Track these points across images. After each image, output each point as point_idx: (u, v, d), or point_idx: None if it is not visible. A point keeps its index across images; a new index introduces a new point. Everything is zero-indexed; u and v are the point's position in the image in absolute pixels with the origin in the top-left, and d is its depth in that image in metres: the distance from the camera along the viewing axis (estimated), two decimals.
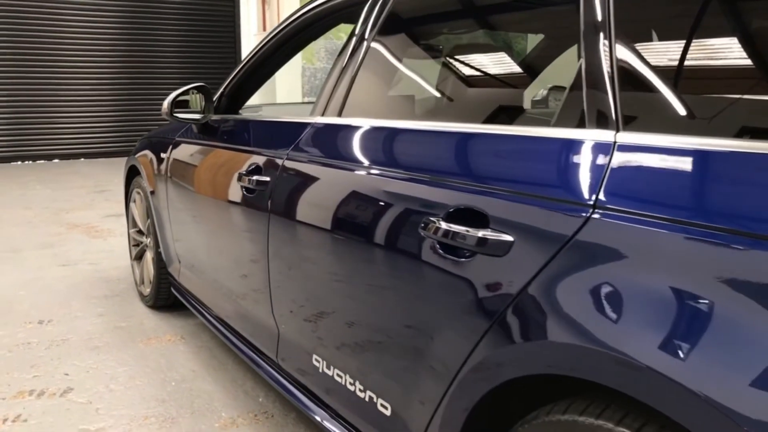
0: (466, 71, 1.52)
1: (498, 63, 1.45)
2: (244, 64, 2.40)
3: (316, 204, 1.65)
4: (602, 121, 1.06)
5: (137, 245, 3.41)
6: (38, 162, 9.70)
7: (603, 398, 0.97)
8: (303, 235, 1.71)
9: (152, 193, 2.97)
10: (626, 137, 1.01)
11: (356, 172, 1.54)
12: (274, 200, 1.83)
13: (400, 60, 1.66)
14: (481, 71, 1.48)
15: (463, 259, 1.17)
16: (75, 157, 10.00)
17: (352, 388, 1.57)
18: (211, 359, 2.71)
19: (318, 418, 1.75)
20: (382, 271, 1.41)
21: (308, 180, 1.71)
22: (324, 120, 1.78)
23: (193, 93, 2.48)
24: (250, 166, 1.99)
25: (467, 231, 1.15)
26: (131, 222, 3.46)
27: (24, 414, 2.23)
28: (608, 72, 1.08)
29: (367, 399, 1.51)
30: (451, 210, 1.22)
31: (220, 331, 2.41)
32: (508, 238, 1.09)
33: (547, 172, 1.10)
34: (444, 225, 1.20)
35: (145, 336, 2.95)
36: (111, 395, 2.38)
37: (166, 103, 2.37)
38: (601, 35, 1.10)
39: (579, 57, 1.14)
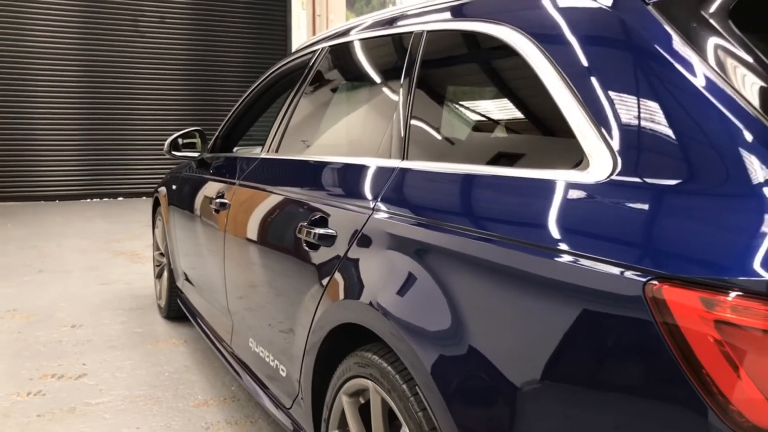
0: (338, 117, 2.03)
1: (356, 111, 1.95)
2: (233, 113, 2.97)
3: (248, 219, 2.16)
4: (397, 153, 1.53)
5: (159, 265, 3.99)
6: (104, 200, 10.67)
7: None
8: (239, 243, 2.21)
9: (166, 219, 3.55)
10: (406, 164, 1.47)
11: (271, 194, 2.04)
12: (228, 219, 2.35)
13: (311, 111, 2.17)
14: (345, 116, 1.98)
15: (314, 251, 1.64)
16: (137, 195, 10.93)
17: (267, 360, 2.04)
18: (204, 358, 3.21)
19: (255, 393, 2.21)
20: (275, 266, 1.89)
21: (248, 201, 2.23)
22: (266, 155, 2.29)
23: (195, 135, 3.07)
24: (218, 192, 2.53)
25: (313, 230, 1.62)
26: (155, 245, 4.06)
27: (44, 390, 2.79)
28: (404, 123, 1.54)
29: (273, 366, 1.97)
30: (312, 217, 1.69)
31: (202, 329, 2.92)
32: (333, 232, 1.56)
33: (357, 186, 1.58)
34: (306, 228, 1.68)
35: (155, 339, 3.50)
36: (115, 380, 2.91)
37: (166, 144, 2.96)
38: (406, 100, 1.58)
39: (394, 110, 1.62)
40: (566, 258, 0.95)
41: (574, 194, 1.01)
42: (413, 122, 1.53)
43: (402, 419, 1.24)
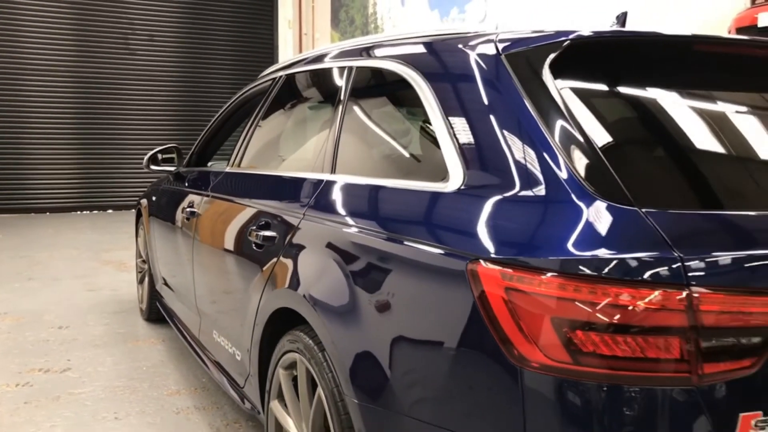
0: (287, 136, 2.36)
1: (301, 131, 2.28)
2: (206, 131, 3.29)
3: (212, 226, 2.47)
4: (328, 167, 1.85)
5: (141, 271, 4.29)
6: (94, 212, 10.96)
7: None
8: (205, 247, 2.53)
9: (147, 228, 3.85)
10: (332, 177, 1.79)
11: (232, 203, 2.36)
12: (197, 225, 2.66)
13: (267, 131, 2.50)
14: (293, 135, 2.31)
15: (260, 251, 1.96)
16: (127, 208, 11.20)
17: (226, 347, 2.34)
18: (179, 355, 3.50)
19: (221, 382, 2.50)
20: (233, 266, 2.20)
21: (213, 210, 2.54)
22: (230, 169, 2.61)
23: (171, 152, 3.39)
24: (189, 203, 2.84)
25: (259, 233, 1.94)
26: (137, 253, 4.36)
27: (31, 382, 3.08)
28: (335, 142, 1.87)
29: (231, 352, 2.28)
30: (259, 222, 2.01)
31: (177, 328, 3.22)
32: (274, 234, 1.88)
33: (294, 195, 1.90)
34: (254, 231, 1.99)
35: (135, 338, 3.79)
36: (96, 373, 3.20)
37: (145, 159, 3.28)
38: (336, 125, 1.90)
39: (329, 131, 1.94)
40: (426, 246, 1.27)
41: (435, 200, 1.34)
42: (341, 141, 1.85)
43: (318, 380, 1.55)
